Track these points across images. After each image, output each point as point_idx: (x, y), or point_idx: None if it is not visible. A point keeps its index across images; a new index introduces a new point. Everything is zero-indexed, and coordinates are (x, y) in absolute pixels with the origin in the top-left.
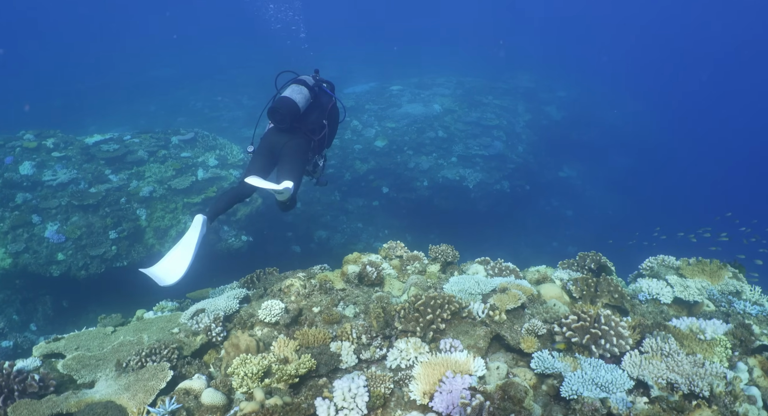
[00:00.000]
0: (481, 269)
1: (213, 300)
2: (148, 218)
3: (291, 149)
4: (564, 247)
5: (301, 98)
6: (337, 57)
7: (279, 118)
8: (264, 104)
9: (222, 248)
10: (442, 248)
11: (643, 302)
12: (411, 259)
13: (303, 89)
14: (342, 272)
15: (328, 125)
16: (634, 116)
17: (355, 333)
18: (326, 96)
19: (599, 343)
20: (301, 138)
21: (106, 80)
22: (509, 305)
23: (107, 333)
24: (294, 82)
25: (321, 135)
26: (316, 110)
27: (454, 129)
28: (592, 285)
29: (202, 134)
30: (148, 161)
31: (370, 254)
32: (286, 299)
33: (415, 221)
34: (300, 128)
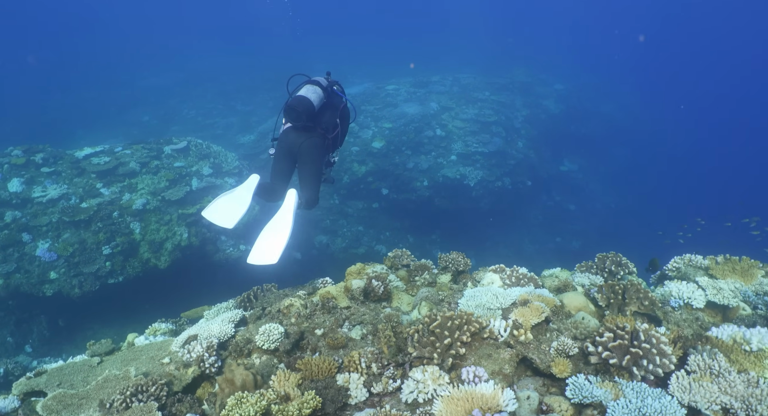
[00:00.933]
0: (497, 279)
1: (207, 324)
2: (143, 231)
3: (308, 148)
4: (568, 242)
5: (315, 97)
6: (329, 60)
7: (295, 116)
8: (256, 109)
9: (221, 259)
10: (453, 256)
11: (676, 308)
12: (419, 269)
13: (317, 89)
14: (345, 288)
15: (341, 125)
16: (630, 106)
17: (364, 362)
18: (337, 97)
19: (641, 364)
20: (317, 137)
21: (96, 92)
22: (533, 320)
23: (93, 365)
24: (308, 82)
25: (334, 133)
26: (329, 110)
27: (452, 127)
28: (619, 292)
29: (196, 142)
30: (141, 173)
31: (374, 265)
32: (286, 321)
33: (417, 222)
34: (315, 126)
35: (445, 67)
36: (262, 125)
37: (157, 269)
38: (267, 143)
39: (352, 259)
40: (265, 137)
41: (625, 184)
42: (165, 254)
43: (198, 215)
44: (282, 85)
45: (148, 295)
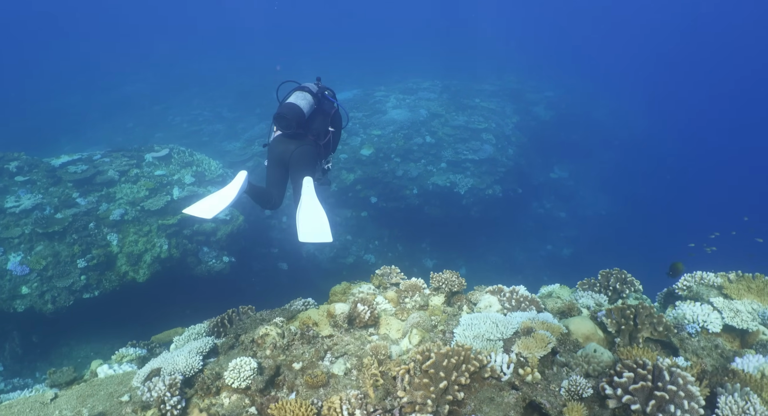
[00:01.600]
0: (495, 302)
1: (172, 356)
2: (120, 243)
3: (299, 156)
4: (559, 250)
5: (305, 104)
6: (317, 66)
7: (285, 123)
8: (243, 115)
9: (202, 272)
10: (446, 276)
11: (693, 335)
12: (410, 289)
13: (307, 96)
14: (328, 312)
15: (332, 131)
16: (619, 112)
17: (347, 410)
18: (328, 103)
19: (667, 410)
20: (308, 144)
21: (80, 98)
22: (538, 353)
23: (45, 402)
24: (298, 89)
25: (326, 140)
26: (320, 116)
27: (442, 134)
28: (631, 317)
29: (178, 149)
30: (119, 182)
31: (361, 284)
32: (261, 353)
33: (406, 231)
34: (305, 133)
35: (434, 74)
36: (249, 131)
37: (136, 283)
38: (254, 149)
39: (340, 269)
40: (252, 144)
41: (615, 190)
42: (144, 267)
43: (179, 225)
44: (270, 92)
45: (126, 310)
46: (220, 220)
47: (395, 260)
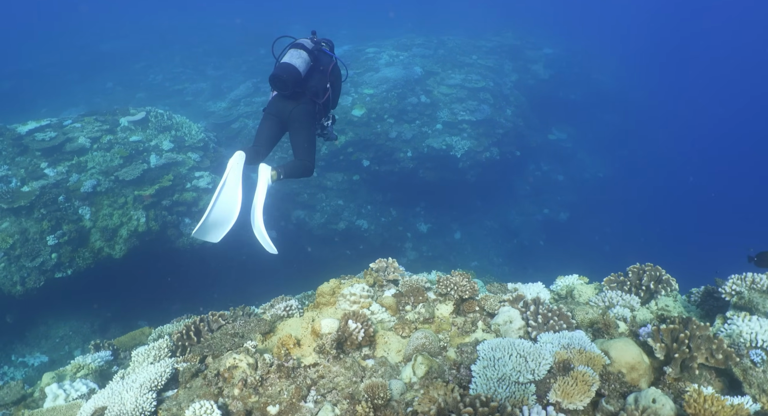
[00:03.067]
0: (516, 316)
1: (122, 390)
2: (93, 217)
3: (298, 115)
4: (556, 214)
5: (301, 63)
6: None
7: (281, 85)
8: (228, 73)
9: (184, 245)
10: (455, 279)
11: (757, 363)
12: (411, 294)
13: (302, 53)
14: (313, 330)
15: (331, 86)
16: (619, 72)
17: None
18: (326, 57)
19: None
20: (306, 104)
21: (56, 58)
22: (581, 401)
23: None
24: (292, 46)
25: (325, 97)
26: (318, 73)
27: (437, 93)
28: (684, 341)
29: (156, 112)
30: (91, 150)
31: (352, 280)
32: (228, 390)
33: (399, 195)
34: (303, 92)
35: (429, 29)
36: (235, 90)
37: (112, 260)
38: (240, 110)
39: (332, 235)
40: (238, 104)
41: (614, 152)
42: (120, 243)
43: (157, 196)
44: (256, 47)
45: (104, 287)
46: (202, 189)
47: (389, 225)
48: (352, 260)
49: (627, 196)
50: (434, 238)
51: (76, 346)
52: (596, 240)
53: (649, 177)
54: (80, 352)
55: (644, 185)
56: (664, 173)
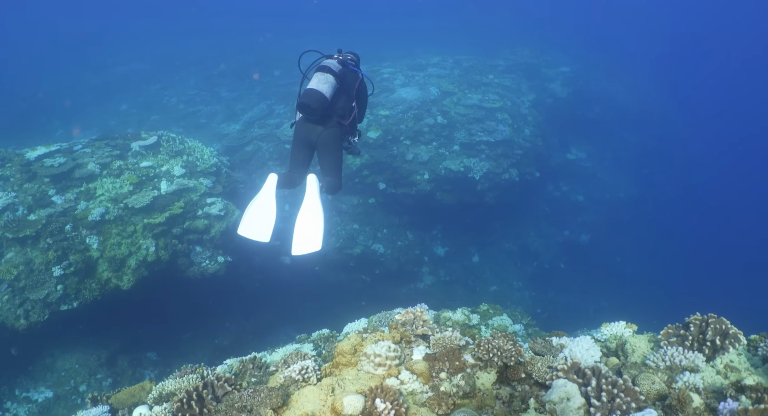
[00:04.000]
0: (575, 392)
1: None
2: (101, 246)
3: (325, 139)
4: (577, 236)
5: (327, 88)
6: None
7: (308, 112)
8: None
9: (195, 274)
10: (497, 342)
11: None
12: (446, 357)
13: (329, 77)
14: (334, 410)
15: (357, 104)
16: (637, 88)
17: None
18: (351, 75)
19: None
20: (332, 127)
21: (72, 80)
22: None
23: None
24: (318, 69)
25: (351, 117)
26: (344, 94)
27: (454, 114)
28: None
29: (168, 136)
30: (101, 176)
31: (376, 337)
32: None
33: (416, 219)
34: (330, 115)
35: (442, 48)
36: (249, 112)
37: (120, 291)
38: (254, 132)
39: (347, 260)
40: (252, 127)
41: (633, 171)
42: (128, 273)
43: (167, 224)
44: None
45: (112, 320)
46: (214, 216)
47: (405, 249)
48: (368, 285)
49: (648, 216)
50: (452, 262)
51: (81, 380)
52: (618, 262)
53: (671, 196)
54: (86, 387)
55: (666, 204)
56: (685, 191)
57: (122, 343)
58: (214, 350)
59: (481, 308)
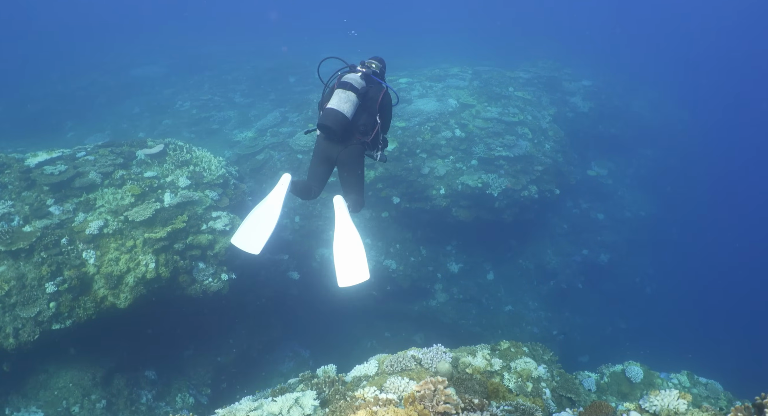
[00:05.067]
0: None
1: None
2: (98, 261)
3: (346, 158)
4: (596, 256)
5: (349, 107)
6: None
7: (329, 133)
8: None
9: (196, 292)
10: None
11: None
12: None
13: (351, 95)
14: None
15: (381, 116)
16: (660, 104)
17: None
18: (375, 87)
19: None
20: (354, 145)
21: (87, 81)
22: None
23: None
24: (340, 86)
25: (374, 133)
26: (366, 112)
27: (473, 127)
28: None
29: (175, 144)
30: (102, 186)
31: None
32: None
33: (430, 234)
34: (352, 133)
35: (460, 59)
36: (262, 120)
37: (116, 310)
38: (266, 140)
39: None
40: (264, 134)
41: (655, 190)
42: (125, 291)
43: (169, 238)
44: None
45: (106, 340)
46: (219, 231)
47: (418, 265)
48: (378, 301)
49: (669, 235)
50: (465, 279)
51: (75, 401)
52: (637, 282)
53: (692, 216)
54: (78, 408)
55: (687, 224)
56: (707, 211)
57: (118, 361)
58: (216, 368)
59: (502, 347)
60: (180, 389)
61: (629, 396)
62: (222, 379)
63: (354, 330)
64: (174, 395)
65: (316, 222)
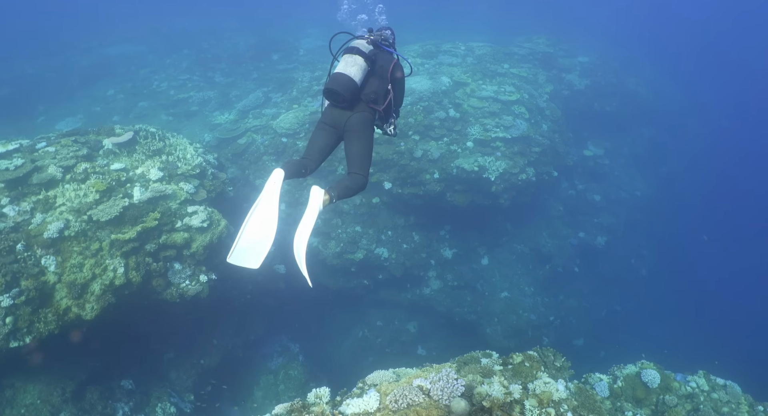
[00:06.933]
0: None
1: None
2: (59, 268)
3: (354, 125)
4: (593, 238)
5: (356, 71)
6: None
7: (336, 98)
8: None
9: (172, 297)
10: None
11: None
12: None
13: (358, 59)
14: None
15: (394, 86)
16: (654, 83)
17: None
18: (385, 56)
19: None
20: (363, 112)
21: (59, 62)
22: None
23: None
24: (346, 51)
25: (386, 102)
26: (377, 77)
27: (467, 107)
28: None
29: (146, 132)
30: (63, 181)
31: None
32: None
33: (423, 219)
34: (361, 99)
35: (453, 33)
36: (244, 100)
37: (82, 322)
38: (248, 123)
39: (348, 266)
40: (246, 116)
41: (651, 169)
42: (91, 301)
43: (139, 239)
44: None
45: (75, 352)
46: (195, 228)
47: (410, 253)
48: (370, 290)
49: (665, 215)
50: (460, 264)
51: None
52: (633, 263)
53: (689, 195)
54: None
55: (683, 204)
56: (704, 190)
57: (91, 372)
58: (200, 372)
59: (515, 361)
60: (160, 398)
61: (645, 402)
62: (206, 382)
63: (345, 319)
64: (154, 405)
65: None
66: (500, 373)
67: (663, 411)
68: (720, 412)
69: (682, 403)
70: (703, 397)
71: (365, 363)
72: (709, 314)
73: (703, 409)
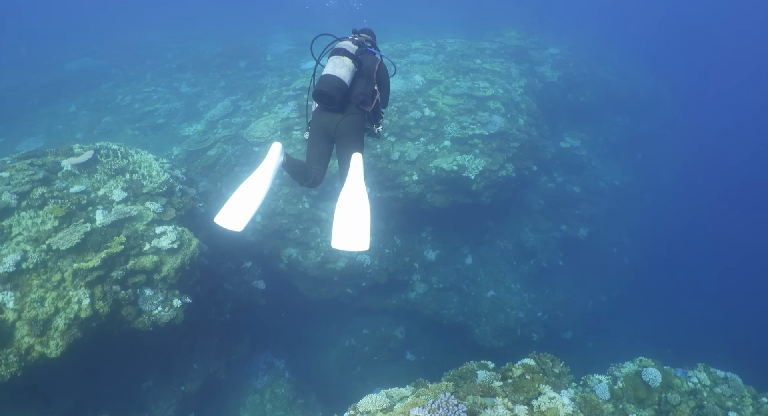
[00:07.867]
0: None
1: None
2: (18, 305)
3: (345, 128)
4: (575, 230)
5: (345, 72)
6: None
7: (327, 100)
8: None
9: (145, 325)
10: None
11: None
12: None
13: (345, 60)
14: None
15: (379, 88)
16: (624, 71)
17: None
18: (369, 57)
19: None
20: (353, 114)
21: (17, 80)
22: None
23: None
24: (334, 53)
25: (374, 103)
26: (363, 78)
27: (442, 105)
28: None
29: (107, 149)
30: (19, 208)
31: None
32: None
33: (403, 223)
34: (350, 101)
35: (423, 31)
36: (212, 110)
37: (48, 360)
38: (217, 133)
39: (330, 275)
40: (215, 127)
41: (627, 157)
42: (56, 337)
43: (104, 266)
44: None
45: (45, 392)
46: (165, 250)
47: (393, 257)
48: (354, 298)
49: (644, 202)
50: (444, 266)
51: None
52: (615, 253)
53: (665, 181)
54: None
55: (661, 190)
56: (679, 175)
57: (65, 409)
58: (180, 399)
59: (515, 374)
60: None
61: (647, 402)
62: (188, 410)
63: (330, 330)
64: None
65: (280, 221)
66: (501, 391)
67: (667, 411)
68: (725, 407)
69: (686, 400)
70: (706, 392)
71: (353, 373)
72: (697, 300)
73: (707, 405)
